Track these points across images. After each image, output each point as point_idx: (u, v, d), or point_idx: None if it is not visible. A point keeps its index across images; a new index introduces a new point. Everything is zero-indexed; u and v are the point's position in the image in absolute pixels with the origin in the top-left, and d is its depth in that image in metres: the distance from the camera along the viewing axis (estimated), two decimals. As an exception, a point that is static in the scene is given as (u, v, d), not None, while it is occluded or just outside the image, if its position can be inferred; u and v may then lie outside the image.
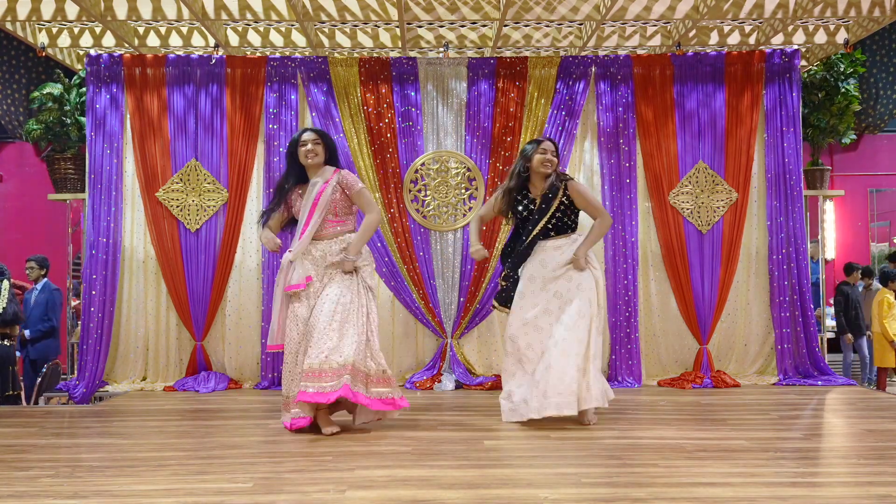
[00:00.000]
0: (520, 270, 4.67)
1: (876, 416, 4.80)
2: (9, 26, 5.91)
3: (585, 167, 6.51)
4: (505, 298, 4.68)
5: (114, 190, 6.29)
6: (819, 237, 7.26)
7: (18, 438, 4.25)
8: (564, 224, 4.60)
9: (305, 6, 5.65)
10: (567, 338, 4.35)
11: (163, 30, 6.34)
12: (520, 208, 4.66)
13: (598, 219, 4.62)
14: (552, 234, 4.60)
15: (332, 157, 4.49)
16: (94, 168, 6.28)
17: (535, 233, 4.58)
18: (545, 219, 4.56)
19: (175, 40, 6.39)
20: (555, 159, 4.63)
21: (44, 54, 6.36)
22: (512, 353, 4.56)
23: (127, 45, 6.23)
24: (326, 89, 6.40)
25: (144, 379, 6.33)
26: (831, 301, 8.90)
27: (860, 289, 8.79)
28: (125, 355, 6.34)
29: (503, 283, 4.73)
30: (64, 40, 6.36)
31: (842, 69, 6.80)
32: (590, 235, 4.57)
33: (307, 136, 4.43)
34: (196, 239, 6.32)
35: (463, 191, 6.45)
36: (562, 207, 4.57)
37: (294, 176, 4.50)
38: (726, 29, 6.43)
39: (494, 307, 4.84)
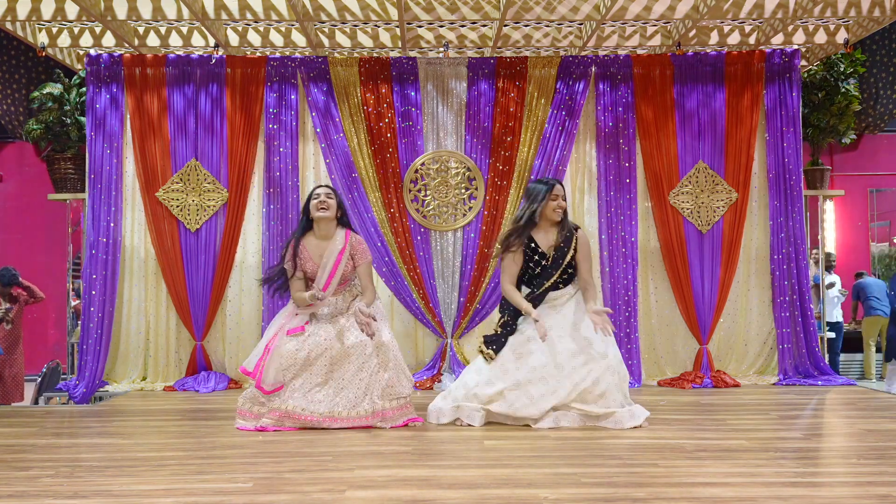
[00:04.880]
0: (520, 321, 4.49)
1: (876, 416, 4.80)
2: (9, 26, 5.91)
3: (585, 167, 6.51)
4: (496, 343, 4.44)
5: (114, 190, 6.28)
6: (819, 245, 7.29)
7: (18, 438, 4.25)
8: (572, 275, 4.51)
9: (305, 6, 5.65)
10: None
11: (163, 30, 6.34)
12: (531, 264, 4.48)
13: (590, 284, 4.47)
14: (560, 286, 4.48)
15: (343, 215, 4.61)
16: (94, 168, 6.28)
17: (546, 286, 4.45)
18: (558, 272, 4.44)
19: (175, 40, 6.39)
20: (565, 204, 4.50)
21: (44, 54, 6.35)
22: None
23: (127, 45, 6.23)
24: (326, 89, 6.40)
25: (144, 379, 6.33)
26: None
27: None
28: (125, 355, 6.34)
29: (498, 330, 4.49)
30: (64, 40, 6.36)
31: (842, 69, 6.79)
32: (593, 294, 4.45)
33: (320, 189, 4.58)
34: (196, 239, 6.32)
35: (463, 191, 6.44)
36: (574, 258, 4.46)
37: (301, 231, 4.60)
38: (726, 29, 6.43)
39: (482, 351, 4.51)
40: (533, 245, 4.47)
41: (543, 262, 4.47)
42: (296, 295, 4.52)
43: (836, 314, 8.66)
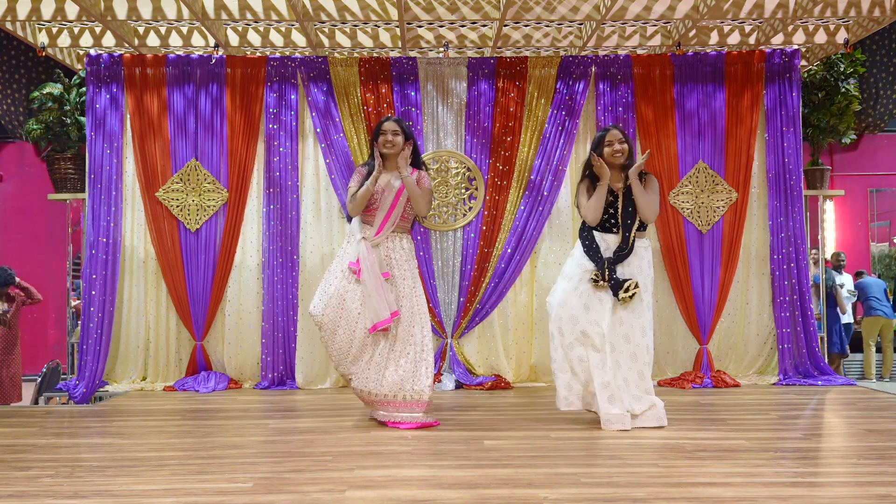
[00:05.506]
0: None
1: (876, 416, 4.80)
2: (9, 26, 5.91)
3: (585, 167, 6.51)
4: (621, 284, 4.28)
5: (114, 190, 6.28)
6: (819, 245, 7.29)
7: (18, 438, 4.25)
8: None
9: (305, 6, 5.65)
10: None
11: (163, 30, 6.34)
12: (607, 206, 4.44)
13: (650, 212, 4.46)
14: (642, 229, 4.48)
15: (412, 151, 4.58)
16: (94, 168, 6.28)
17: (635, 228, 4.40)
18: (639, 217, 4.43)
19: (175, 40, 6.39)
20: (625, 146, 4.44)
21: (44, 54, 6.35)
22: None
23: (127, 45, 6.23)
24: (326, 89, 6.40)
25: (144, 379, 6.33)
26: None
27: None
28: (125, 355, 6.34)
29: (611, 283, 4.30)
30: (64, 40, 6.36)
31: (842, 69, 6.79)
32: (644, 193, 4.40)
33: (387, 125, 4.53)
34: (196, 239, 6.32)
35: (463, 191, 6.44)
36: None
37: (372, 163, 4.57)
38: (726, 29, 6.43)
39: (631, 295, 4.27)
40: (609, 188, 4.46)
41: (616, 205, 4.43)
42: (362, 190, 4.45)
43: (846, 315, 8.60)
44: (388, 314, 4.36)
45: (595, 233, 4.49)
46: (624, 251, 4.40)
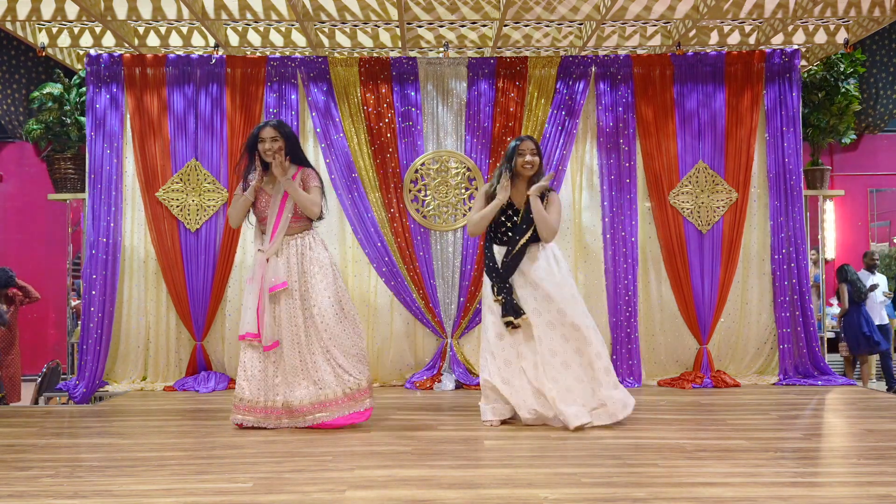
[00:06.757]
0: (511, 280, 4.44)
1: (876, 416, 4.80)
2: (9, 26, 5.91)
3: (585, 167, 6.51)
4: (514, 309, 4.35)
5: (114, 190, 6.28)
6: (819, 243, 7.27)
7: (18, 438, 4.25)
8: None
9: (305, 6, 5.65)
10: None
11: (163, 30, 6.34)
12: (503, 218, 4.48)
13: (548, 231, 4.42)
14: (536, 241, 4.48)
15: (293, 152, 4.43)
16: (94, 168, 6.28)
17: (521, 242, 4.42)
18: (532, 228, 4.43)
19: (175, 40, 6.39)
20: (536, 159, 4.45)
21: (44, 54, 6.35)
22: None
23: (127, 45, 6.23)
24: (326, 89, 6.40)
25: (144, 379, 6.33)
26: (832, 301, 8.90)
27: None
28: (125, 355, 6.34)
29: (502, 299, 4.37)
30: (64, 40, 6.36)
31: (842, 69, 6.80)
32: (543, 212, 4.39)
33: (265, 133, 4.35)
34: (196, 239, 6.32)
35: (463, 191, 6.44)
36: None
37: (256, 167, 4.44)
38: (726, 29, 6.43)
39: (511, 323, 4.36)
40: (508, 201, 4.48)
41: (515, 219, 4.48)
42: (239, 205, 4.44)
43: (882, 316, 8.38)
44: (252, 328, 4.28)
45: (494, 247, 4.52)
46: (507, 259, 4.42)
